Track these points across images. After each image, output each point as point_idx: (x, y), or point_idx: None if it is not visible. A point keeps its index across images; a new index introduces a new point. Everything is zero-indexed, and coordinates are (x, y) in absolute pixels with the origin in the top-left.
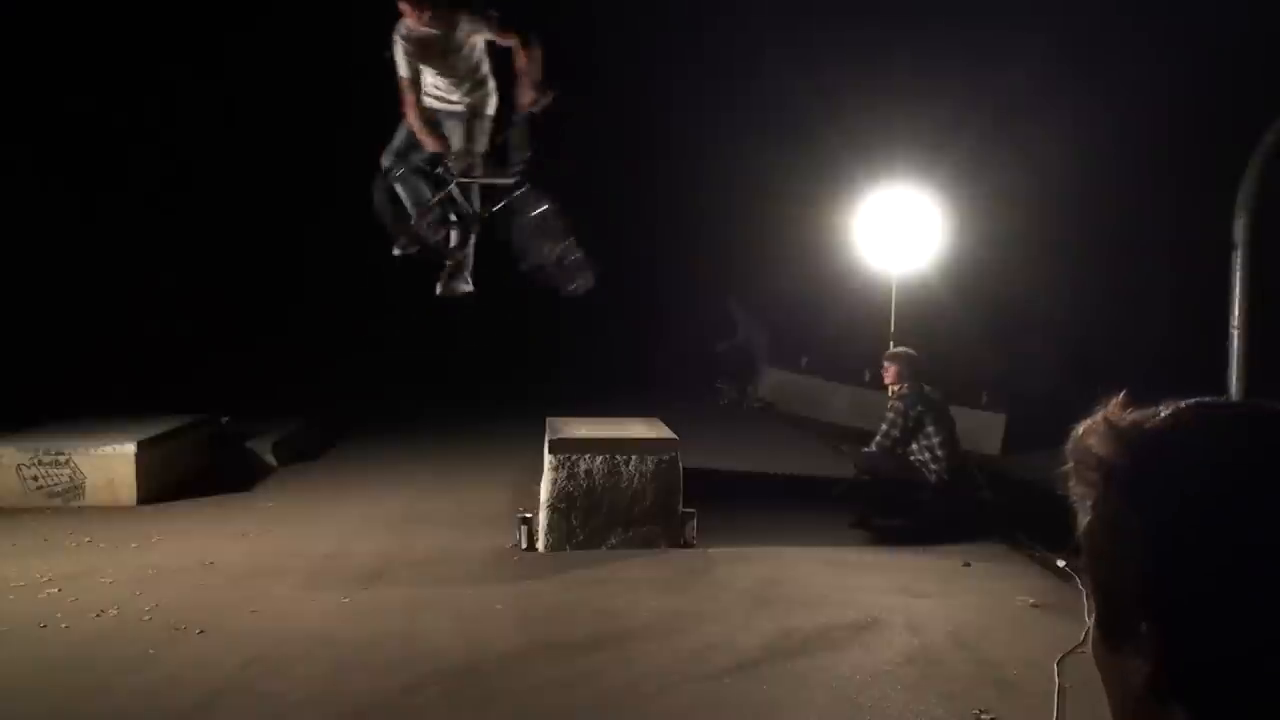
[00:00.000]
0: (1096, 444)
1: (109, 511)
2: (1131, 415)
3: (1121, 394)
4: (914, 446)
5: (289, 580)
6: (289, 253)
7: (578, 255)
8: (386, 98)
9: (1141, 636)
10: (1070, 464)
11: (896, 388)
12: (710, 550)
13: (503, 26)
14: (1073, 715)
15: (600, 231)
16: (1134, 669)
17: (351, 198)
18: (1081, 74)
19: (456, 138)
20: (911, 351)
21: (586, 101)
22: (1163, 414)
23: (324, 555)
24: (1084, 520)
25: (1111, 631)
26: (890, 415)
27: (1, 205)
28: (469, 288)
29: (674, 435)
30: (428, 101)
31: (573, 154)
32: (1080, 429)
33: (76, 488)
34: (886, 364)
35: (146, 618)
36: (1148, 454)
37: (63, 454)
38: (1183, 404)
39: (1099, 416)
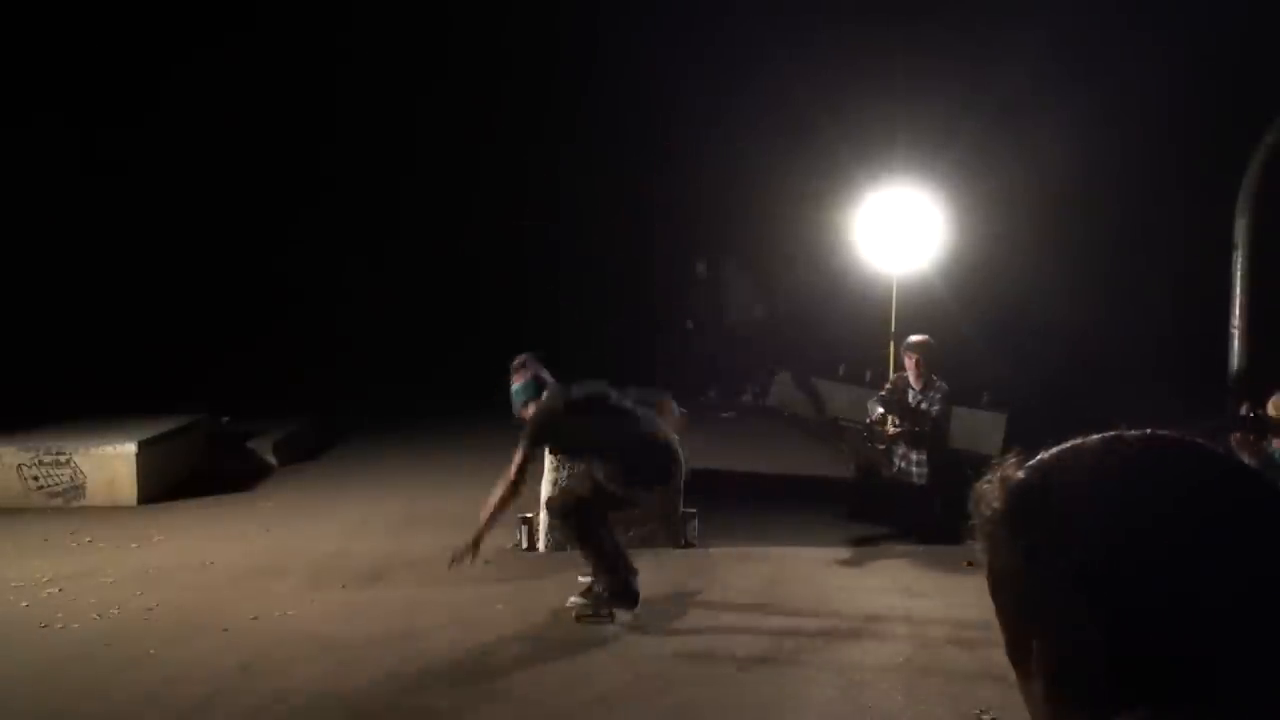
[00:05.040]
0: (990, 498)
1: (110, 511)
2: (1016, 467)
3: (1013, 453)
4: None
5: (289, 580)
6: (290, 252)
7: None
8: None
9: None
10: (977, 524)
11: (919, 377)
12: (711, 550)
13: None
14: None
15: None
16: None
17: (354, 198)
18: (1083, 73)
19: None
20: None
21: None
22: (1036, 461)
23: (324, 555)
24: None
25: (1016, 661)
26: (941, 407)
27: (1, 204)
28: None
29: (674, 435)
30: None
31: None
32: (979, 495)
33: (77, 487)
34: (912, 354)
35: (147, 618)
36: (1027, 494)
37: (64, 454)
38: (1054, 449)
39: (994, 476)
